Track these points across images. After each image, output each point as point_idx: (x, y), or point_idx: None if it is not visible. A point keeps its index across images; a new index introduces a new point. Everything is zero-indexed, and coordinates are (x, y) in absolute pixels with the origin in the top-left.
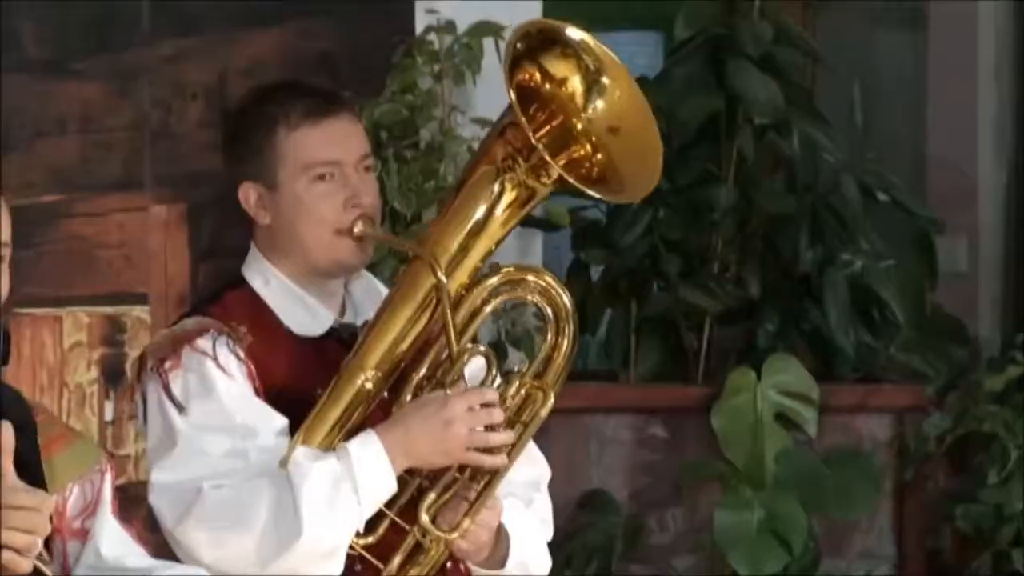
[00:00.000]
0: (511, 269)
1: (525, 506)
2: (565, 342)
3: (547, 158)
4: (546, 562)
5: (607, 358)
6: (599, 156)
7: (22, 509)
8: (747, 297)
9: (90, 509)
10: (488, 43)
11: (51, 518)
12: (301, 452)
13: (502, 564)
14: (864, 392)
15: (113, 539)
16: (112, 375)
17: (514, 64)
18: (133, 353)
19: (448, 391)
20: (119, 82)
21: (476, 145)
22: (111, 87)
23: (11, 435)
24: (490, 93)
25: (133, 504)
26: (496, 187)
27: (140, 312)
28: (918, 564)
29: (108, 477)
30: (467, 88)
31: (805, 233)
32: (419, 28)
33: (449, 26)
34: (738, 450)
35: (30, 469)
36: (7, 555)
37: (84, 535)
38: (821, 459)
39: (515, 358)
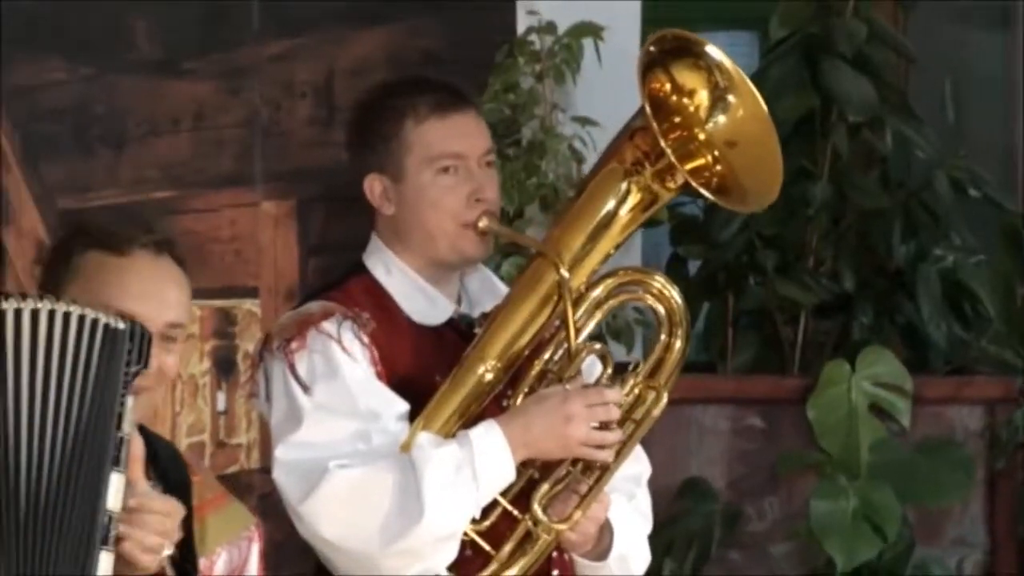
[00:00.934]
0: (628, 271)
1: (627, 500)
2: (678, 343)
3: (676, 164)
4: (646, 556)
5: (705, 350)
6: (719, 167)
7: (154, 513)
8: (842, 291)
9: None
10: (588, 43)
11: None
12: (424, 437)
13: (604, 556)
14: (956, 384)
15: None
16: (224, 366)
17: (645, 69)
18: (244, 345)
19: (566, 386)
20: (230, 81)
21: (576, 143)
22: (222, 86)
23: (141, 444)
24: (590, 92)
25: (244, 491)
26: (623, 188)
27: (251, 305)
28: (1009, 552)
29: (256, 546)
30: (567, 87)
31: (898, 228)
32: (520, 29)
33: (549, 27)
34: (833, 440)
35: (181, 528)
36: (137, 552)
37: None
38: (914, 449)
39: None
